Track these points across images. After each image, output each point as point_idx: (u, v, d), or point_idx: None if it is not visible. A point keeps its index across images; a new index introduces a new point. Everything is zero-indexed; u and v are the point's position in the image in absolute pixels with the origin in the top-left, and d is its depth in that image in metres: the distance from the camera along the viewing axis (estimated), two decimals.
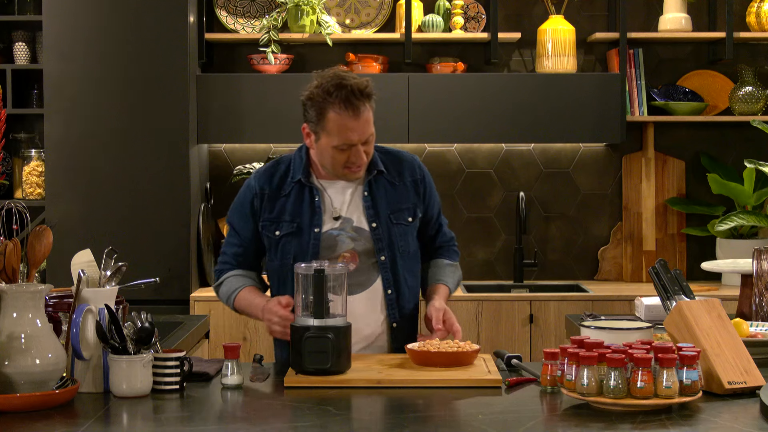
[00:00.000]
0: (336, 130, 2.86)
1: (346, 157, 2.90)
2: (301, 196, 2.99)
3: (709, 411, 2.32)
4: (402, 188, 3.04)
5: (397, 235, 3.00)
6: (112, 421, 2.35)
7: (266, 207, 3.01)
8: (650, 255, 5.17)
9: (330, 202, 2.99)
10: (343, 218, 2.98)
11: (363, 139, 2.88)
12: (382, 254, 2.98)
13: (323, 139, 2.89)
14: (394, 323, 3.00)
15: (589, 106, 4.92)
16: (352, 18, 5.20)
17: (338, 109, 2.84)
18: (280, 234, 2.99)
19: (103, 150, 4.68)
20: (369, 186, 3.01)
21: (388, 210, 3.01)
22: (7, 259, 2.47)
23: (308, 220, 2.97)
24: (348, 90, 2.83)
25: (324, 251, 2.96)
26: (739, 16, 5.11)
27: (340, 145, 2.87)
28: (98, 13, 4.67)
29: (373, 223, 2.98)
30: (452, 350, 2.68)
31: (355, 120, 2.85)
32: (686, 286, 2.84)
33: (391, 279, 2.99)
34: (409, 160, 3.09)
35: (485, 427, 2.22)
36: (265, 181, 3.03)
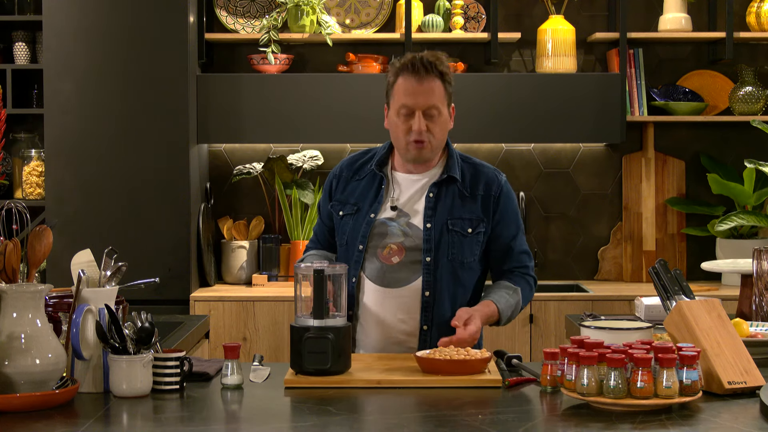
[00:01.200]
0: (399, 93, 2.96)
1: (407, 126, 2.95)
2: (371, 183, 3.07)
3: (709, 411, 2.32)
4: (470, 200, 3.02)
5: (450, 241, 2.98)
6: (112, 421, 2.35)
7: (340, 188, 3.11)
8: (650, 255, 5.17)
9: (392, 192, 3.04)
10: (400, 210, 3.02)
11: (424, 105, 2.93)
12: (428, 255, 2.97)
13: (391, 109, 3.00)
14: (424, 326, 2.98)
15: (589, 106, 4.92)
16: (352, 18, 5.20)
17: (406, 75, 2.95)
18: (342, 214, 3.08)
19: (103, 150, 4.68)
20: (436, 188, 3.02)
21: (447, 216, 3.00)
22: (7, 259, 2.47)
23: (368, 206, 3.04)
24: (417, 59, 2.95)
25: (373, 238, 3.00)
26: (739, 16, 5.11)
27: (400, 108, 2.95)
28: (98, 13, 4.67)
29: (428, 224, 2.99)
30: (460, 358, 2.65)
31: (418, 84, 2.93)
32: (686, 286, 2.84)
33: (432, 282, 2.97)
34: (491, 176, 3.07)
35: (485, 427, 2.22)
36: (346, 165, 3.14)
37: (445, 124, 3.01)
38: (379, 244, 3.00)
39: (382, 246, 2.99)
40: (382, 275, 2.99)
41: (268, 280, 4.95)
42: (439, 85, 2.97)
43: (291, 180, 5.06)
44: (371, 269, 3.00)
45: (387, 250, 2.99)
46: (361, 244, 3.00)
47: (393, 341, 3.01)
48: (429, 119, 2.96)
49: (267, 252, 5.01)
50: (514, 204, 3.09)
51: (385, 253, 2.99)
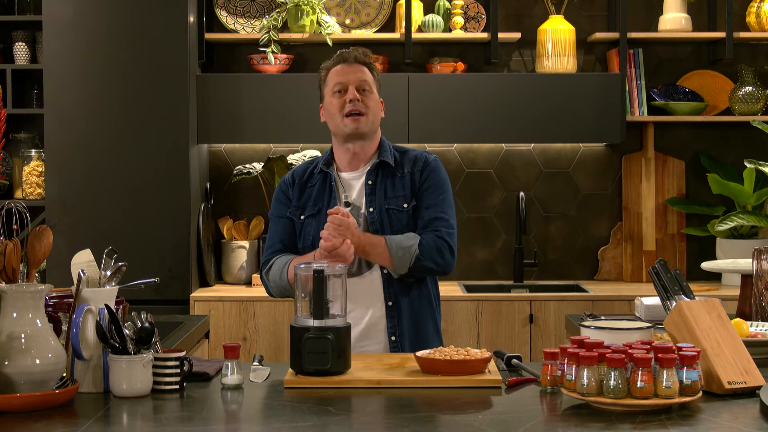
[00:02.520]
0: (332, 78, 3.19)
1: (343, 101, 3.15)
2: (323, 185, 3.23)
3: (709, 411, 2.32)
4: (401, 179, 3.20)
5: (390, 219, 3.15)
6: (112, 421, 2.35)
7: (295, 195, 3.25)
8: (650, 255, 5.17)
9: (342, 188, 3.20)
10: (353, 204, 3.18)
11: (355, 81, 3.16)
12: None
13: (326, 95, 3.20)
14: (389, 302, 3.14)
15: (589, 106, 4.92)
16: (352, 18, 5.20)
17: (333, 64, 3.22)
18: (304, 217, 3.21)
19: (103, 150, 4.68)
20: (372, 175, 3.20)
21: (384, 197, 3.17)
22: (7, 259, 2.47)
23: (326, 205, 3.18)
24: (344, 52, 3.23)
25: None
26: (739, 16, 5.11)
27: (334, 86, 3.16)
28: (98, 13, 4.67)
29: (370, 208, 3.16)
30: (460, 358, 2.66)
31: (348, 66, 3.18)
32: (686, 286, 2.84)
33: None
34: (419, 155, 3.25)
35: (485, 427, 2.22)
36: (298, 173, 3.29)
37: (377, 105, 3.22)
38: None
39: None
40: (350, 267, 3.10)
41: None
42: (367, 72, 3.20)
43: None
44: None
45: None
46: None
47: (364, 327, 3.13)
48: (362, 94, 3.17)
49: None
50: (441, 177, 3.21)
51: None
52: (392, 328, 3.13)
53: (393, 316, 3.14)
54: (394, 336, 3.13)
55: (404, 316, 3.15)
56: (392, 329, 3.13)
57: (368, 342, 3.13)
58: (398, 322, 3.14)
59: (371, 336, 3.14)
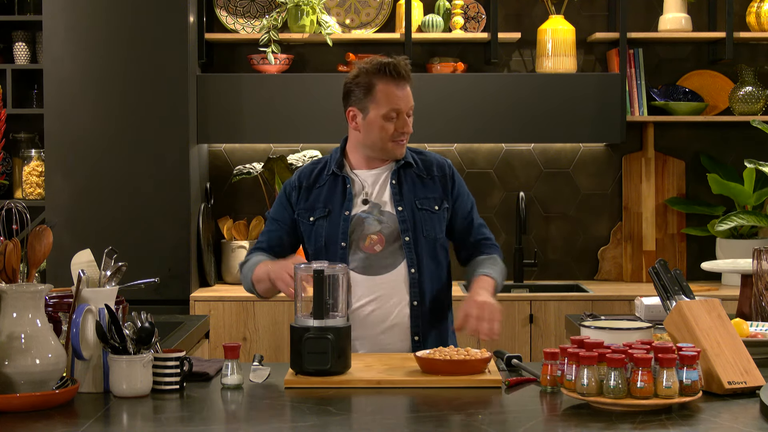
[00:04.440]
0: (384, 98, 3.09)
1: (393, 127, 3.10)
2: (334, 186, 3.18)
3: (709, 411, 2.32)
4: (429, 181, 3.20)
5: (421, 219, 3.14)
6: (112, 421, 2.35)
7: (302, 197, 3.21)
8: (650, 255, 5.17)
9: (360, 187, 3.16)
10: (372, 203, 3.15)
11: (408, 107, 3.12)
12: (407, 235, 3.12)
13: (372, 112, 3.11)
14: (414, 301, 3.11)
15: (589, 106, 4.92)
16: (352, 18, 5.20)
17: (386, 80, 3.10)
18: (313, 219, 3.17)
19: (103, 150, 4.68)
20: (396, 175, 3.17)
21: (413, 196, 3.16)
22: (7, 259, 2.47)
23: (339, 205, 3.15)
24: (393, 64, 3.11)
25: (353, 233, 3.12)
26: (739, 16, 5.11)
27: (389, 112, 3.09)
28: (98, 13, 4.67)
29: (399, 207, 3.14)
30: (460, 358, 2.65)
31: (402, 89, 3.11)
32: (686, 286, 2.84)
33: (415, 259, 3.12)
34: (440, 160, 3.26)
35: (485, 427, 2.22)
36: (303, 176, 3.24)
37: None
38: (359, 238, 3.12)
39: (363, 238, 3.12)
40: (369, 265, 3.10)
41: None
42: (410, 88, 3.16)
43: None
44: (357, 262, 3.11)
45: (368, 241, 3.11)
46: (343, 241, 3.11)
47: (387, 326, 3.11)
48: (408, 117, 3.15)
49: None
50: (463, 182, 3.28)
51: (367, 243, 3.11)
52: (416, 327, 3.11)
53: (417, 316, 3.12)
54: (417, 336, 3.11)
55: (428, 316, 3.14)
56: (415, 329, 3.11)
57: (392, 340, 3.10)
58: (421, 322, 3.12)
59: (396, 333, 3.11)
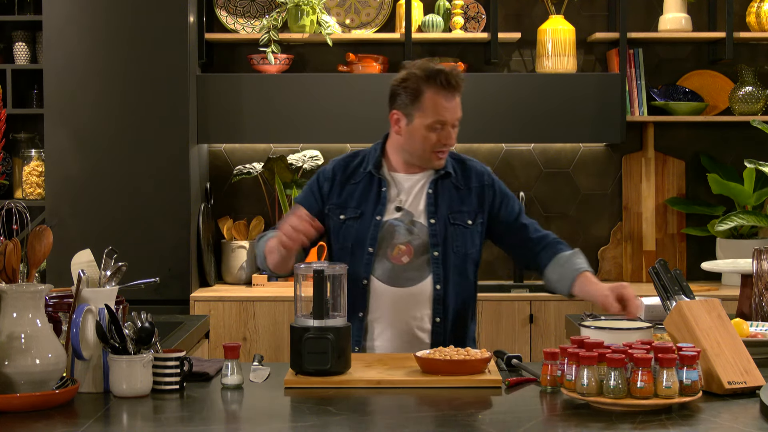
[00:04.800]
0: (431, 108, 3.00)
1: (436, 138, 3.02)
2: (369, 186, 3.10)
3: (709, 411, 2.32)
4: (466, 193, 3.12)
5: (453, 234, 3.07)
6: (112, 421, 2.35)
7: (335, 191, 3.13)
8: (650, 255, 5.17)
9: (396, 193, 3.09)
10: (405, 211, 3.08)
11: (454, 119, 3.03)
12: (436, 250, 3.05)
13: (417, 120, 3.02)
14: (437, 318, 3.06)
15: (589, 106, 4.92)
16: (352, 18, 5.20)
17: (435, 89, 3.00)
18: (344, 218, 3.10)
19: (103, 150, 4.68)
20: (434, 185, 3.10)
21: (448, 210, 3.09)
22: (7, 259, 2.47)
23: (372, 208, 3.08)
24: (445, 73, 3.00)
25: (381, 240, 3.05)
26: (739, 16, 5.11)
27: (434, 123, 3.00)
28: (98, 13, 4.67)
29: (432, 220, 3.07)
30: (460, 358, 2.65)
31: (449, 100, 3.01)
32: (686, 286, 2.84)
33: (441, 275, 3.06)
34: (479, 170, 3.17)
35: (485, 427, 2.22)
36: (339, 168, 3.16)
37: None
38: (387, 246, 3.05)
39: (391, 247, 3.05)
40: (394, 276, 3.04)
41: (268, 280, 4.95)
42: (459, 97, 3.06)
43: (291, 180, 5.06)
44: (381, 271, 3.05)
45: (396, 251, 3.05)
46: (371, 247, 3.05)
47: (406, 340, 3.06)
48: (453, 130, 3.05)
49: None
50: (505, 187, 3.20)
51: (394, 253, 3.05)
52: (436, 344, 3.04)
53: (438, 332, 3.05)
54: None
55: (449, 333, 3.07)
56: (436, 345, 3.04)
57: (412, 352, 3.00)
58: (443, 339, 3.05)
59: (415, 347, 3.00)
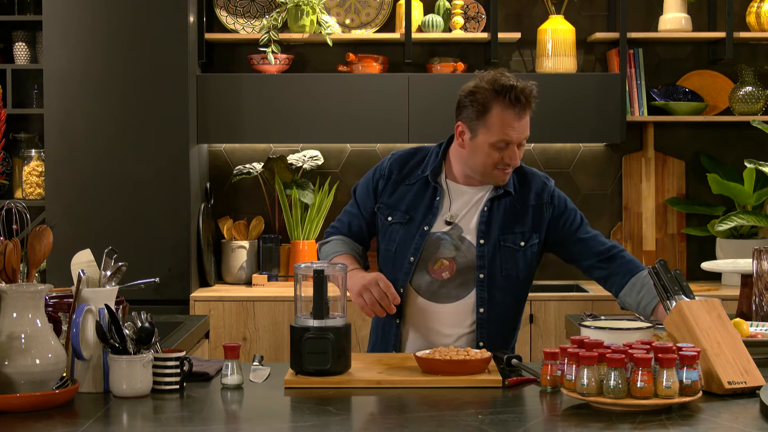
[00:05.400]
0: (498, 126, 2.88)
1: (500, 157, 2.91)
2: (423, 191, 3.01)
3: (709, 411, 2.32)
4: (522, 212, 3.00)
5: (502, 257, 2.96)
6: (112, 421, 2.35)
7: (388, 190, 3.04)
8: (650, 255, 5.17)
9: (449, 205, 2.99)
10: (455, 225, 2.98)
11: (521, 139, 2.92)
12: (482, 272, 2.95)
13: (481, 136, 2.91)
14: (480, 342, 2.97)
15: (589, 106, 4.92)
16: (352, 18, 5.20)
17: (504, 105, 2.87)
18: (392, 221, 3.02)
19: (103, 150, 4.68)
20: (491, 203, 2.99)
21: (500, 231, 2.97)
22: (7, 259, 2.47)
23: (422, 216, 2.98)
24: (517, 90, 2.87)
25: (426, 251, 2.97)
26: (739, 16, 5.11)
27: (498, 142, 2.89)
28: (98, 13, 4.67)
29: (481, 240, 2.96)
30: (460, 358, 2.64)
31: (518, 120, 2.89)
32: (686, 286, 2.83)
33: (486, 298, 2.96)
34: (539, 184, 3.04)
35: (485, 427, 2.22)
36: (396, 166, 3.06)
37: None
38: (430, 258, 2.97)
39: (434, 260, 2.97)
40: (432, 290, 2.98)
41: (268, 280, 4.95)
42: (529, 114, 2.94)
43: (291, 180, 5.06)
44: (420, 283, 2.98)
45: (438, 265, 2.97)
46: (412, 256, 2.97)
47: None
48: (519, 147, 2.95)
49: (267, 252, 5.01)
50: (570, 202, 3.07)
51: (436, 267, 2.97)
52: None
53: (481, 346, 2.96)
54: None
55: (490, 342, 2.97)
56: None
57: None
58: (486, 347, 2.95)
59: None
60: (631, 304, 2.98)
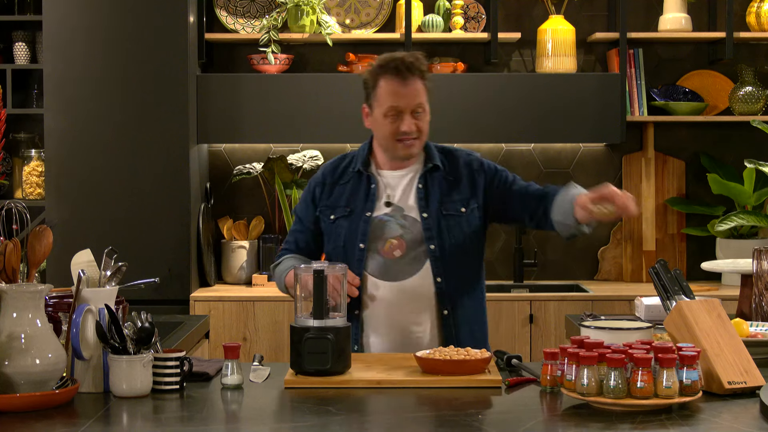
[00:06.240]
0: (384, 96, 3.01)
1: (396, 126, 3.01)
2: (358, 184, 3.12)
3: (709, 411, 2.32)
4: (455, 183, 3.11)
5: (448, 226, 3.06)
6: (112, 421, 2.35)
7: (326, 194, 3.15)
8: (650, 255, 5.17)
9: (384, 188, 3.09)
10: (395, 206, 3.08)
11: (410, 106, 3.01)
12: (432, 243, 3.04)
13: (376, 110, 3.04)
14: (444, 311, 3.04)
15: (589, 106, 4.92)
16: (352, 18, 5.20)
17: (388, 76, 3.00)
18: (335, 217, 3.11)
19: (103, 150, 4.68)
20: (424, 179, 3.10)
21: (439, 202, 3.08)
22: (7, 259, 2.47)
23: (362, 205, 3.08)
24: (398, 61, 3.01)
25: (373, 236, 3.05)
26: (739, 16, 5.11)
27: (388, 110, 3.00)
28: (98, 13, 4.67)
29: (424, 213, 3.06)
30: (460, 358, 2.65)
31: (403, 87, 2.99)
32: (686, 286, 2.84)
33: (441, 268, 3.04)
34: (466, 158, 3.17)
35: (485, 427, 2.22)
36: (329, 171, 3.19)
37: (427, 119, 3.08)
38: (379, 241, 3.05)
39: (383, 242, 3.05)
40: (386, 270, 3.04)
41: (268, 280, 4.95)
42: (421, 84, 3.03)
43: (291, 180, 5.06)
44: (374, 266, 3.05)
45: (388, 245, 3.05)
46: (362, 243, 3.04)
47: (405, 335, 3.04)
48: (416, 117, 3.03)
49: (267, 252, 5.01)
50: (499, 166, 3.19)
51: (386, 248, 3.05)
52: (449, 337, 3.03)
53: (449, 325, 3.03)
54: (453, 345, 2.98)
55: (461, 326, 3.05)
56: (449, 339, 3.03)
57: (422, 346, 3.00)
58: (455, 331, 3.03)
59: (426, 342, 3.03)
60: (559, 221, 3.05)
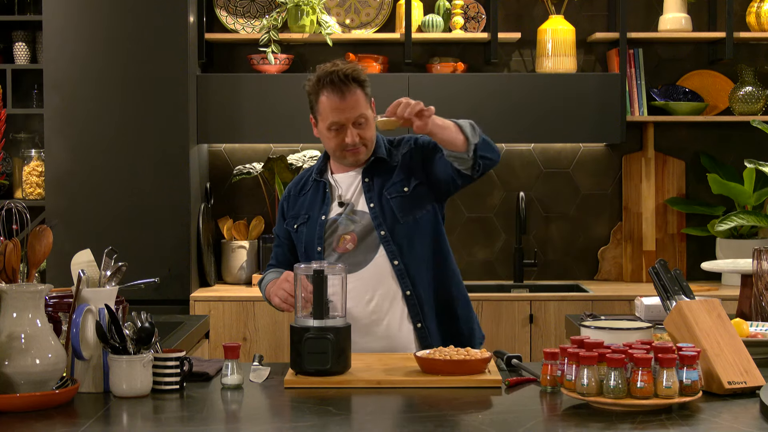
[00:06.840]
0: (325, 111, 3.06)
1: (340, 139, 3.07)
2: (316, 192, 3.20)
3: (709, 411, 2.33)
4: (396, 166, 3.15)
5: (393, 208, 3.10)
6: (112, 421, 2.35)
7: (290, 206, 3.25)
8: (650, 255, 5.17)
9: (336, 190, 3.15)
10: (346, 204, 3.13)
11: (351, 119, 3.05)
12: (382, 229, 3.09)
13: (320, 123, 3.11)
14: (407, 291, 3.07)
15: (589, 106, 4.92)
16: (352, 18, 5.20)
17: (327, 91, 3.04)
18: (296, 226, 3.19)
19: (102, 150, 4.68)
20: (368, 172, 3.15)
21: (381, 187, 3.13)
22: (7, 259, 2.47)
23: (318, 210, 3.16)
24: (334, 74, 3.03)
25: (328, 236, 3.12)
26: (739, 16, 5.11)
27: (331, 125, 3.06)
28: (98, 13, 4.67)
29: (371, 204, 3.11)
30: (460, 358, 2.65)
31: (342, 101, 3.03)
32: (686, 286, 2.84)
33: (396, 250, 3.08)
34: (406, 140, 3.21)
35: (485, 427, 2.22)
36: (293, 185, 3.29)
37: (372, 124, 3.10)
38: (332, 240, 3.12)
39: (336, 240, 3.12)
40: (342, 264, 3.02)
41: None
42: (360, 94, 3.06)
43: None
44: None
45: (341, 241, 3.11)
46: (319, 246, 3.12)
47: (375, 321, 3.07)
48: (359, 127, 3.07)
49: (267, 252, 5.01)
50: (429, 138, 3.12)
51: (339, 244, 3.11)
52: (416, 316, 3.07)
53: (415, 305, 3.08)
54: (420, 323, 3.07)
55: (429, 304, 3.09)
56: (416, 317, 3.07)
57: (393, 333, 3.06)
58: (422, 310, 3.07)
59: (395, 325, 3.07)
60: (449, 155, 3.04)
